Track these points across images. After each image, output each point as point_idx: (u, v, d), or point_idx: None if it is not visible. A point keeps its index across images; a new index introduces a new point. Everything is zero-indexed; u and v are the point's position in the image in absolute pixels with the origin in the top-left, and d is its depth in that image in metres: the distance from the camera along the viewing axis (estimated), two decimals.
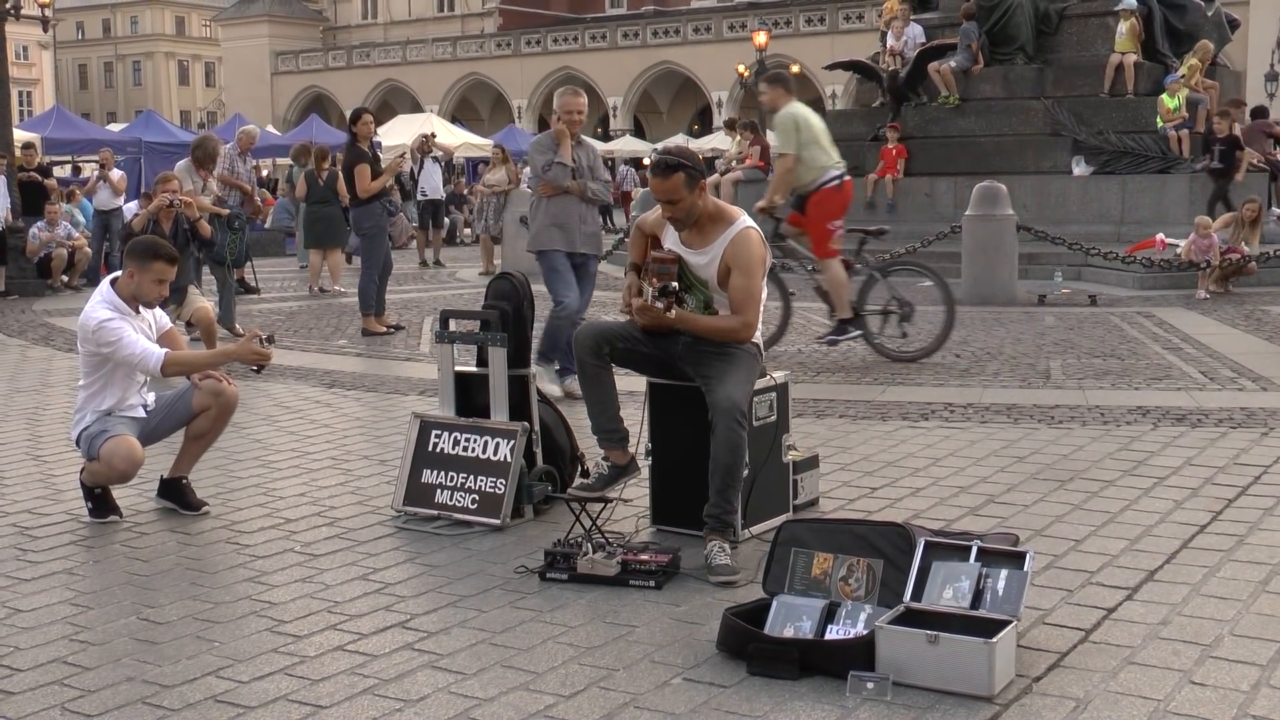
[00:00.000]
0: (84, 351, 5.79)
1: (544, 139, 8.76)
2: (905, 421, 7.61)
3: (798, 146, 9.83)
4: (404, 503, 5.69)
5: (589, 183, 8.63)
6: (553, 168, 8.48)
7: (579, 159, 8.62)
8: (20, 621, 4.45)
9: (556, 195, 8.52)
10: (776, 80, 10.34)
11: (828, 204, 9.89)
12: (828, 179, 9.92)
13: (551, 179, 8.50)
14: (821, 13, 62.35)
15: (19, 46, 72.86)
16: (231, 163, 16.01)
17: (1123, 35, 18.60)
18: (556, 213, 8.53)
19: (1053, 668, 3.85)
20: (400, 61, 73.75)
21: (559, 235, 8.53)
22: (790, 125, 9.87)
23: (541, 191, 8.60)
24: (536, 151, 8.73)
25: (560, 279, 8.52)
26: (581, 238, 8.62)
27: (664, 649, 4.07)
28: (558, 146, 8.56)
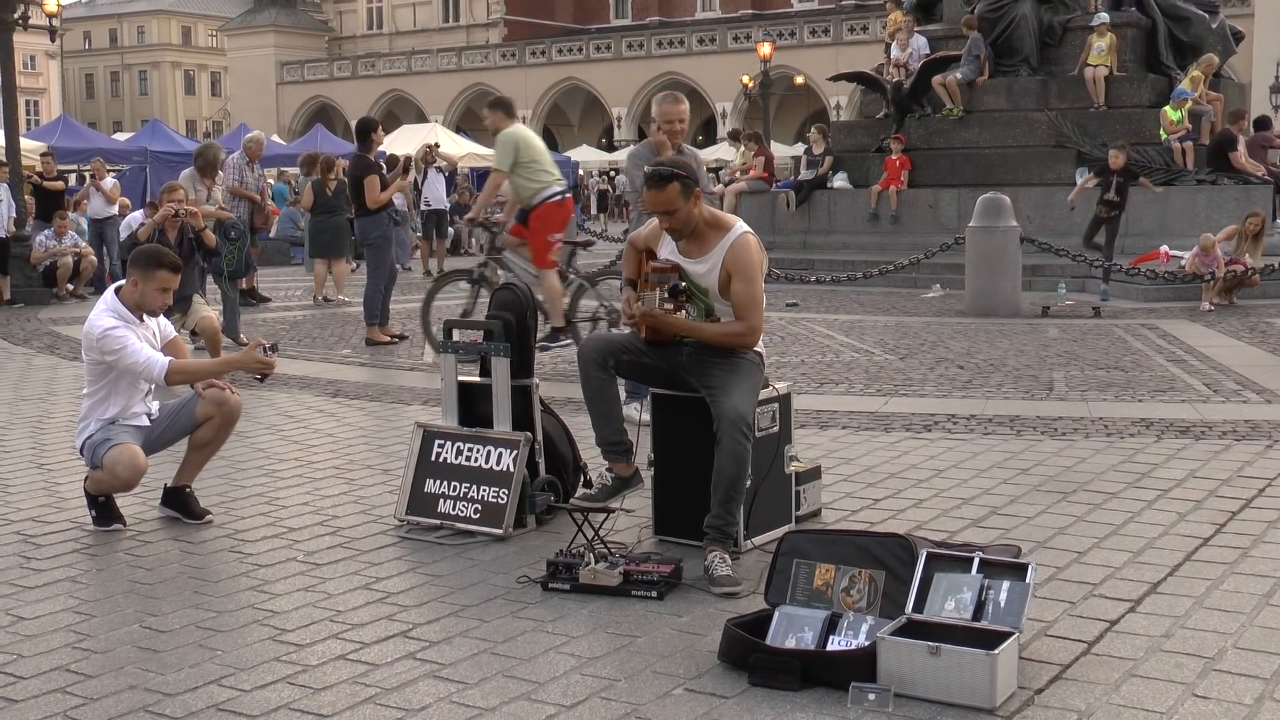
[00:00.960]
0: (88, 360, 5.80)
1: (642, 150, 8.12)
2: (908, 433, 7.61)
3: (512, 166, 10.49)
4: (407, 512, 5.69)
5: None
6: None
7: None
8: (23, 629, 4.45)
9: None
10: (498, 105, 11.14)
11: (548, 218, 10.55)
12: (549, 195, 10.53)
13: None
14: (826, 24, 62.45)
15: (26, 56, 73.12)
16: (240, 172, 16.05)
17: (1102, 51, 18.65)
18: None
19: (1055, 680, 3.85)
20: (405, 72, 73.86)
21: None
22: (509, 145, 10.50)
23: (642, 207, 7.59)
24: (634, 165, 8.03)
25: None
26: None
27: (666, 659, 4.07)
28: (656, 158, 7.78)
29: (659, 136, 8.00)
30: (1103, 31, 18.64)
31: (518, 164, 10.41)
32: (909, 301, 15.31)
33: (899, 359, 10.66)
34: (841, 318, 13.80)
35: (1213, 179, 17.25)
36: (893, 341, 11.75)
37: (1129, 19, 19.30)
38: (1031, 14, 19.41)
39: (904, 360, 10.59)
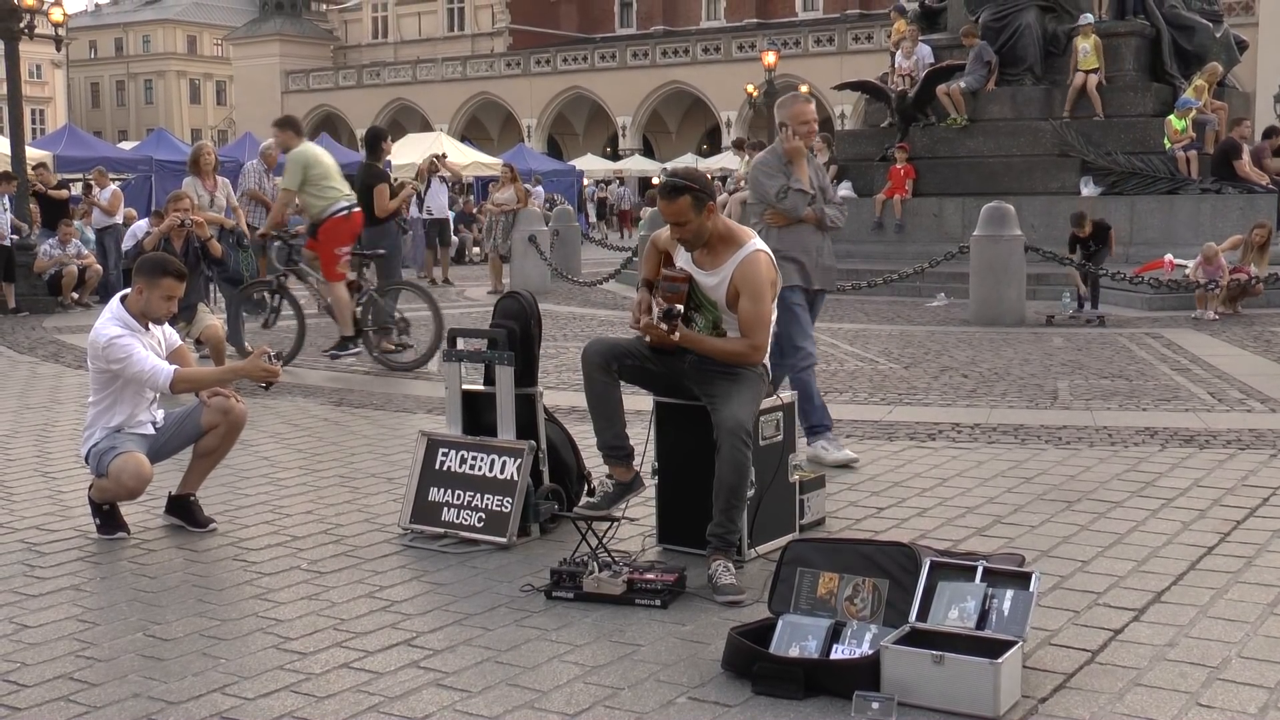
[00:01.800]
0: (94, 368, 5.81)
1: (769, 160, 7.23)
2: (912, 441, 7.61)
3: (301, 183, 10.89)
4: (411, 521, 5.70)
5: (825, 209, 7.19)
6: (789, 195, 7.01)
7: (812, 180, 7.19)
8: (27, 637, 4.46)
9: (790, 224, 7.11)
10: (287, 124, 11.53)
11: (336, 232, 10.98)
12: (337, 209, 10.94)
13: (788, 209, 7.04)
14: (831, 33, 62.52)
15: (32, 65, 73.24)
16: (260, 179, 16.10)
17: (1088, 53, 18.62)
18: (791, 244, 7.07)
19: (1059, 689, 3.84)
20: (410, 81, 74.00)
21: (794, 270, 7.08)
22: (299, 164, 10.94)
23: (770, 221, 7.13)
24: (764, 174, 7.17)
25: (798, 321, 7.11)
26: (818, 272, 7.25)
27: (669, 668, 4.07)
28: (789, 167, 7.10)
29: (792, 142, 7.09)
30: (1086, 33, 18.64)
31: (306, 181, 10.89)
32: (913, 310, 15.30)
33: (903, 368, 10.66)
34: (846, 326, 13.79)
35: (1217, 188, 17.25)
36: (897, 350, 11.75)
37: (1133, 28, 19.30)
38: (1035, 23, 19.41)
39: (908, 369, 10.59)
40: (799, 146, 7.08)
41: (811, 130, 7.17)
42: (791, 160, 7.09)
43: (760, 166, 7.24)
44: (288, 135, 11.31)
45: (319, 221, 10.95)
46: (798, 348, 7.07)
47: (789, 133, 7.10)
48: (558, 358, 11.30)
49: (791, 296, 7.05)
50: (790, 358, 7.04)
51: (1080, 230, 14.39)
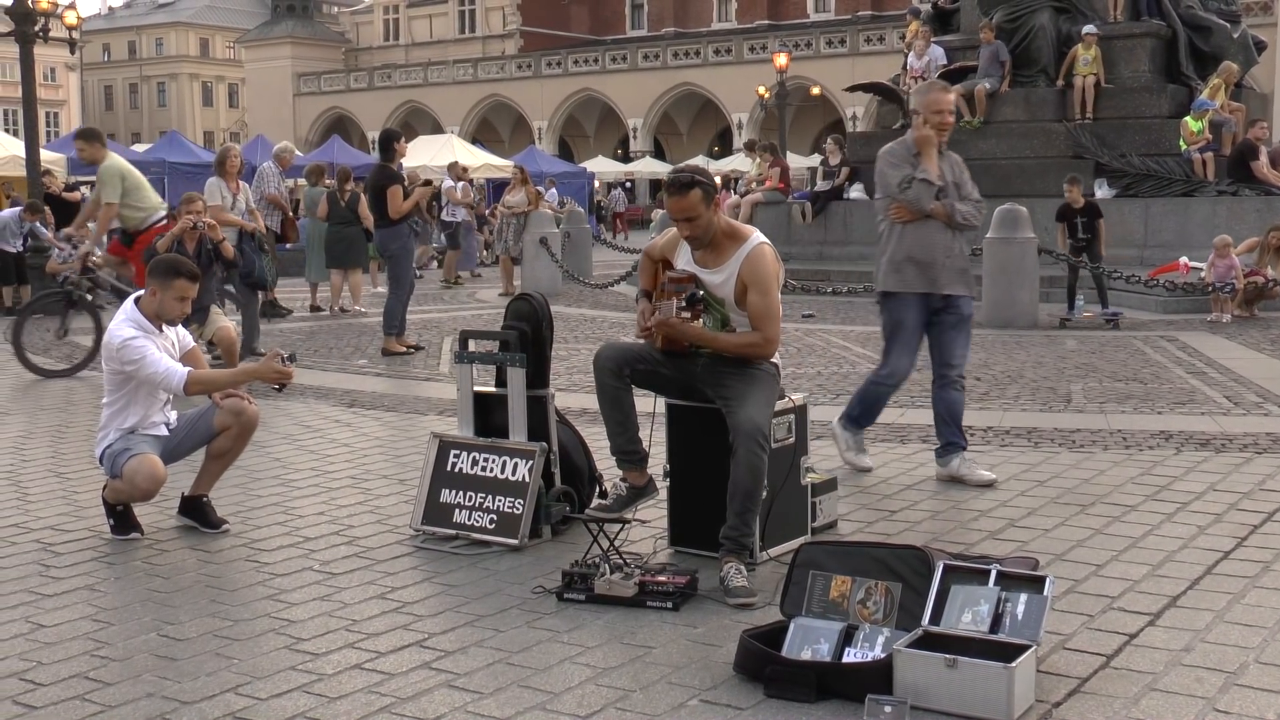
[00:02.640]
0: (108, 369, 5.83)
1: (897, 149, 6.74)
2: (924, 444, 7.58)
3: (121, 195, 10.94)
4: (422, 522, 5.70)
5: (956, 204, 6.65)
6: (913, 185, 6.56)
7: (944, 173, 6.69)
8: (43, 637, 4.46)
9: (915, 221, 6.61)
10: (94, 136, 11.52)
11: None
12: (157, 219, 11.10)
13: (911, 200, 6.58)
14: (842, 35, 62.52)
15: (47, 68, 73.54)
16: (278, 182, 16.14)
17: (1088, 62, 18.62)
18: (914, 244, 6.61)
19: (1073, 693, 3.82)
20: (421, 83, 74.12)
21: (916, 273, 6.61)
22: (115, 176, 11.00)
23: (893, 215, 6.68)
24: (889, 164, 6.69)
25: (901, 336, 6.72)
26: (947, 274, 6.66)
27: (681, 670, 4.06)
28: (918, 157, 6.65)
29: (925, 131, 6.60)
30: (1089, 43, 18.62)
31: (124, 192, 11.02)
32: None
33: (915, 370, 10.59)
34: (858, 329, 13.76)
35: (1234, 190, 17.19)
36: None
37: (1149, 29, 19.25)
38: (1050, 24, 19.38)
39: (920, 372, 10.51)
40: (929, 135, 6.61)
41: (946, 121, 6.67)
42: (920, 150, 6.62)
43: (886, 156, 6.74)
44: (95, 148, 11.34)
45: (139, 231, 11.05)
46: (887, 366, 6.81)
47: (920, 121, 6.64)
48: (569, 360, 11.30)
49: (902, 310, 6.66)
50: (879, 367, 6.90)
51: (1072, 198, 14.17)
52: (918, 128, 6.65)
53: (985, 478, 6.61)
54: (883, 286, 6.76)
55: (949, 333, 6.74)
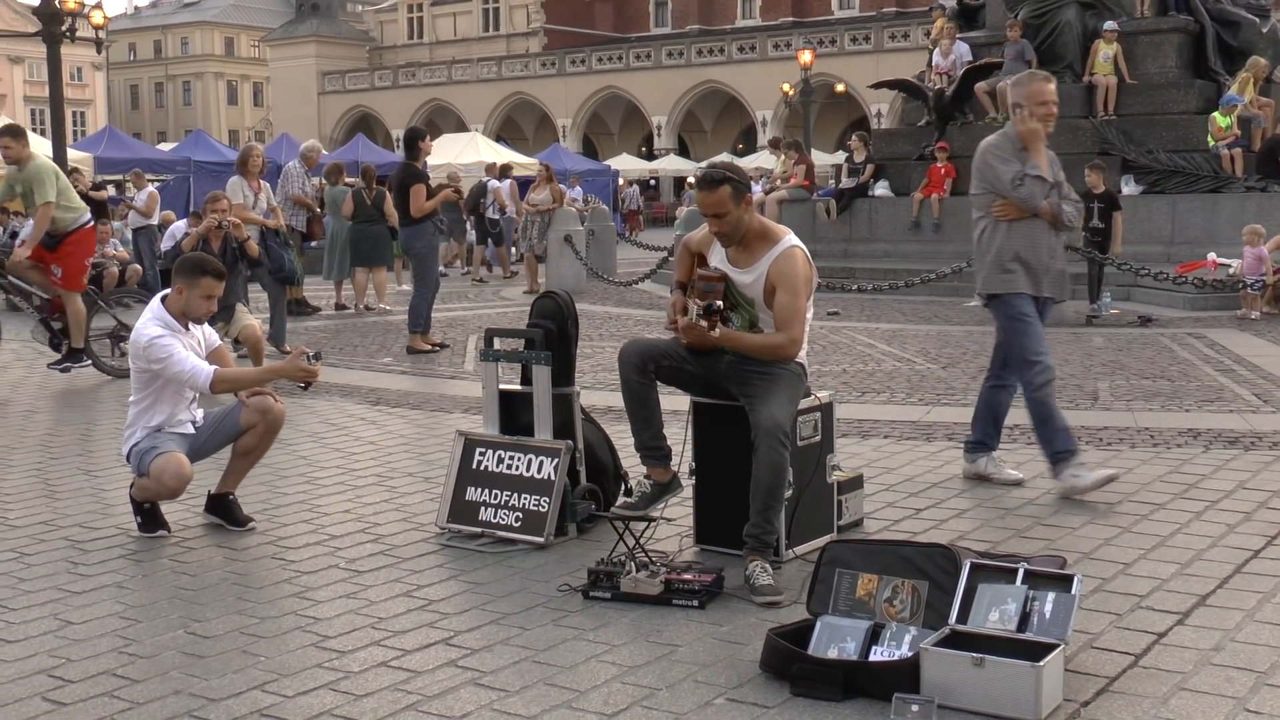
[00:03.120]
0: (135, 368, 5.85)
1: (1002, 143, 6.35)
2: (950, 442, 7.55)
3: (57, 194, 10.63)
4: (448, 520, 5.70)
5: (1061, 203, 6.33)
6: (1026, 182, 6.21)
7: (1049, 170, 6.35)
8: (71, 634, 4.49)
9: (1021, 220, 6.28)
10: (20, 133, 11.21)
11: (86, 242, 11.03)
12: (84, 221, 10.90)
13: (1024, 199, 6.23)
14: (867, 31, 62.31)
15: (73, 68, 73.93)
16: (302, 181, 16.18)
17: (1109, 58, 18.52)
18: (1022, 243, 6.28)
19: (1101, 692, 3.80)
20: (446, 81, 74.21)
21: (1021, 274, 6.30)
22: (50, 175, 10.69)
23: (999, 214, 6.31)
24: (997, 159, 6.29)
25: (1030, 330, 6.34)
26: (1050, 277, 6.38)
27: (707, 669, 4.05)
28: (1024, 152, 6.29)
29: (1031, 124, 6.25)
30: (1109, 39, 18.53)
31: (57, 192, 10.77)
32: (951, 310, 15.22)
33: (941, 368, 10.60)
34: (883, 326, 13.74)
35: (1263, 186, 17.06)
36: (935, 350, 11.69)
37: (1177, 24, 19.14)
38: (1076, 20, 19.28)
39: (946, 369, 10.53)
40: (1036, 129, 6.26)
41: (1051, 112, 6.31)
42: (1028, 144, 6.27)
43: (992, 151, 6.34)
44: (21, 145, 10.92)
45: (67, 232, 10.73)
46: (1031, 361, 6.30)
47: (1024, 114, 6.27)
48: (593, 358, 11.30)
49: (1018, 305, 6.32)
50: (1024, 373, 6.34)
51: (1091, 182, 14.14)
52: (1022, 121, 6.28)
53: (1013, 477, 6.54)
54: (988, 289, 6.41)
55: None
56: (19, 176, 10.72)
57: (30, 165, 10.66)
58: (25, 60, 79.82)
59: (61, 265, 10.67)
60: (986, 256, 6.38)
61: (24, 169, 10.66)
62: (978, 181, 6.44)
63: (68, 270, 10.68)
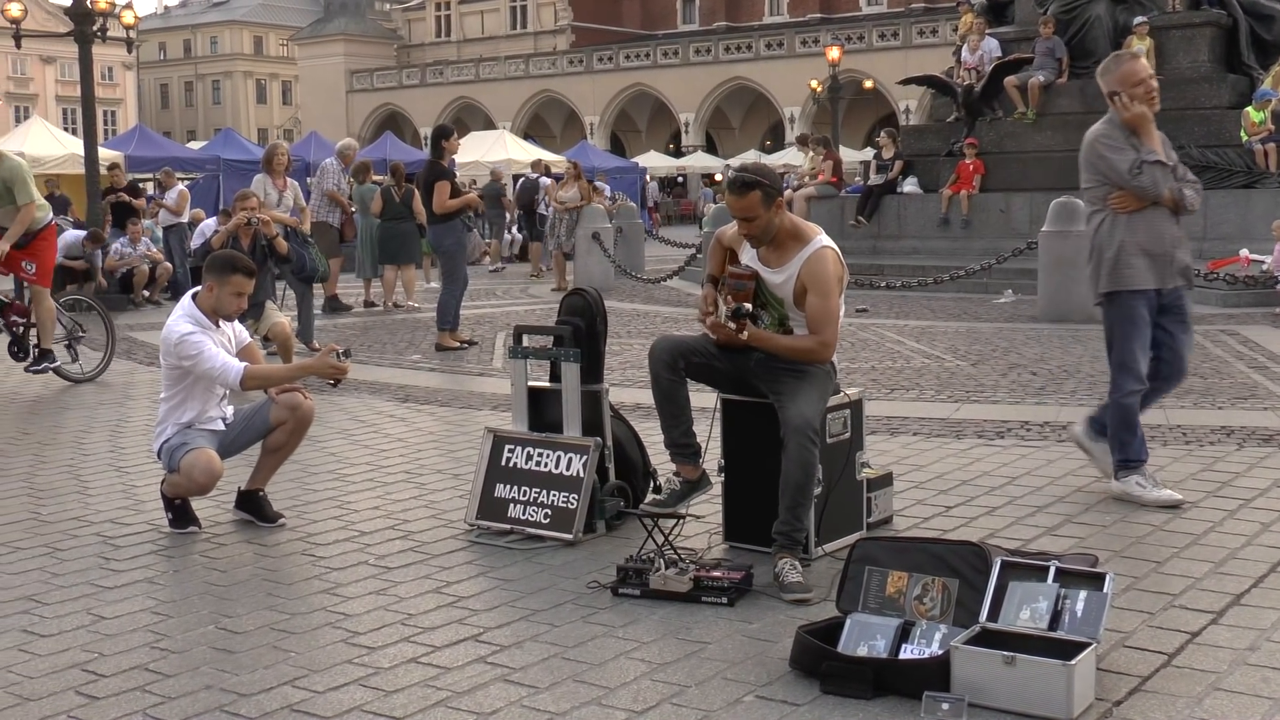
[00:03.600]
0: (165, 364, 5.88)
1: (1111, 131, 5.97)
2: (980, 439, 7.52)
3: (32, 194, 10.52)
4: (477, 517, 5.71)
5: (1181, 187, 5.96)
6: (1145, 169, 5.82)
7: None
8: (104, 629, 4.52)
9: (1141, 209, 5.92)
10: None
11: (53, 240, 10.93)
12: (50, 219, 10.85)
13: (1145, 187, 5.86)
14: (895, 27, 62.13)
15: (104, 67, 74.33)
16: (338, 178, 16.25)
17: (1141, 53, 18.38)
18: (1145, 235, 5.92)
19: (1134, 692, 3.78)
20: (473, 79, 74.34)
21: (1147, 268, 5.93)
22: (30, 174, 10.63)
23: (1117, 206, 5.96)
24: (1110, 149, 5.91)
25: (1138, 337, 5.96)
26: (1175, 267, 6.02)
27: (736, 666, 4.04)
28: (1135, 138, 5.91)
29: (1137, 109, 5.89)
30: (1141, 34, 18.40)
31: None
32: (980, 307, 15.16)
33: (970, 365, 10.56)
34: (912, 323, 13.69)
35: None
36: (964, 347, 11.64)
37: (1209, 18, 18.99)
38: (1106, 15, 19.17)
39: (975, 366, 10.49)
40: (1143, 112, 5.88)
41: (1151, 90, 5.96)
42: (1137, 129, 5.88)
43: (1101, 140, 5.97)
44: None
45: (39, 229, 10.56)
46: (1129, 369, 5.98)
47: (1124, 99, 5.91)
48: (622, 355, 11.30)
49: (1135, 306, 5.95)
50: (1118, 376, 6.05)
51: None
52: (1125, 106, 5.90)
53: (1168, 497, 5.94)
54: (1108, 286, 5.99)
55: (1182, 335, 6.10)
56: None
57: (5, 164, 10.47)
58: (57, 60, 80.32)
59: (35, 261, 10.50)
60: (1107, 253, 5.99)
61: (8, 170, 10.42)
62: (1089, 175, 6.09)
63: (41, 266, 10.57)
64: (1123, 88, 5.94)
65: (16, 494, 6.68)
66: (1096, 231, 6.08)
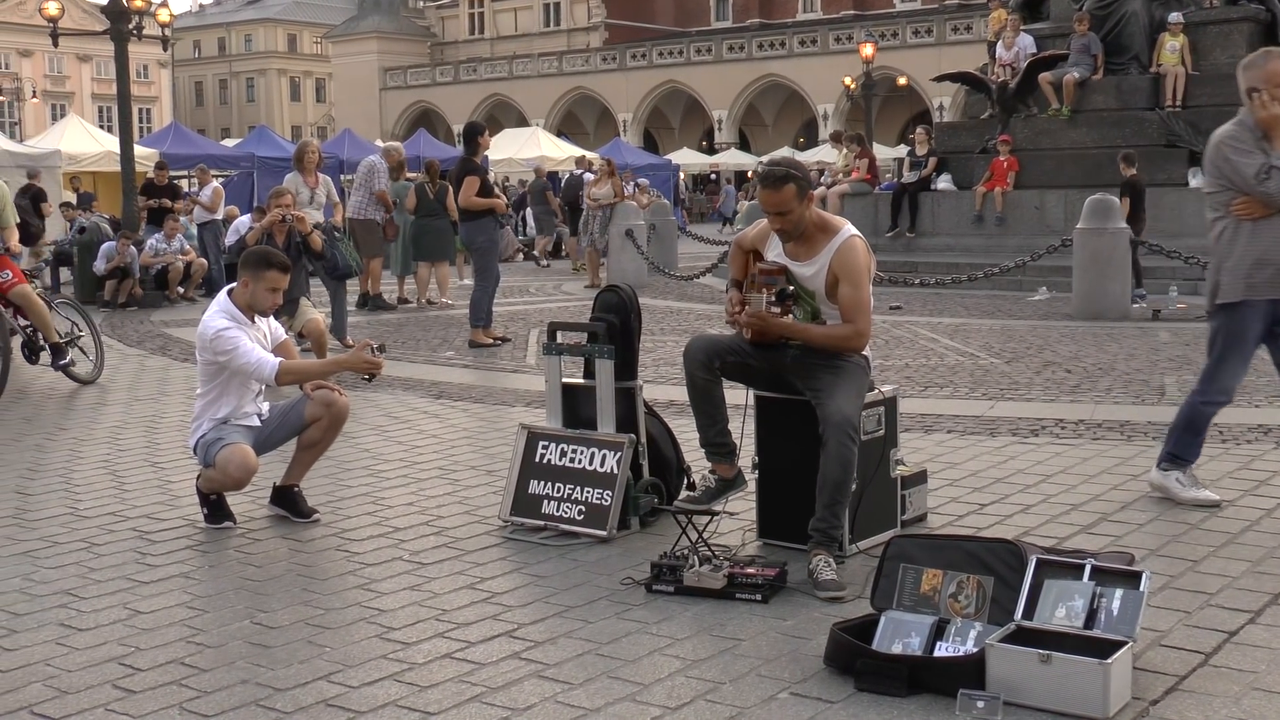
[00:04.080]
0: (202, 360, 5.92)
1: (1239, 133, 5.61)
2: (1014, 437, 7.49)
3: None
4: (511, 513, 5.72)
5: None
6: (1272, 175, 5.48)
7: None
8: (140, 623, 4.55)
9: (1266, 217, 5.58)
10: None
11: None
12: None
13: (1273, 194, 5.50)
14: (929, 24, 61.86)
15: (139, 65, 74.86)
16: (385, 178, 16.34)
17: (1175, 50, 18.29)
18: (1271, 243, 5.59)
19: (1170, 691, 3.75)
20: (507, 76, 74.43)
21: (1269, 278, 5.61)
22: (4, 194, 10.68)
23: (1240, 212, 5.62)
24: (1237, 151, 5.55)
25: (1242, 350, 5.78)
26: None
27: (771, 663, 4.04)
28: (1265, 141, 5.54)
29: (1271, 109, 5.49)
30: (1175, 31, 18.28)
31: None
32: (1014, 304, 15.10)
33: (1005, 362, 10.51)
34: (946, 321, 13.65)
35: None
36: (998, 345, 11.60)
37: (1247, 13, 18.83)
38: (1142, 10, 19.03)
39: (1010, 364, 10.44)
40: (1277, 116, 5.50)
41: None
42: (1270, 131, 5.52)
43: (1228, 142, 5.61)
44: None
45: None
46: (1221, 384, 5.83)
47: (1264, 98, 5.51)
48: (655, 352, 11.30)
49: (1248, 320, 5.70)
50: (1205, 384, 5.89)
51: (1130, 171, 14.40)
52: (1263, 105, 5.51)
53: (1206, 498, 5.89)
54: (1226, 297, 5.70)
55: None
56: None
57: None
58: (93, 58, 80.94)
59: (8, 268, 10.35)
60: (1227, 261, 5.69)
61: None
62: (1213, 179, 5.73)
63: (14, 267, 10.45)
64: (1265, 85, 5.51)
65: (54, 489, 6.74)
66: (1218, 239, 5.75)
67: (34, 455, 7.66)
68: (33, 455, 7.66)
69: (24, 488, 6.77)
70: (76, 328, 10.95)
